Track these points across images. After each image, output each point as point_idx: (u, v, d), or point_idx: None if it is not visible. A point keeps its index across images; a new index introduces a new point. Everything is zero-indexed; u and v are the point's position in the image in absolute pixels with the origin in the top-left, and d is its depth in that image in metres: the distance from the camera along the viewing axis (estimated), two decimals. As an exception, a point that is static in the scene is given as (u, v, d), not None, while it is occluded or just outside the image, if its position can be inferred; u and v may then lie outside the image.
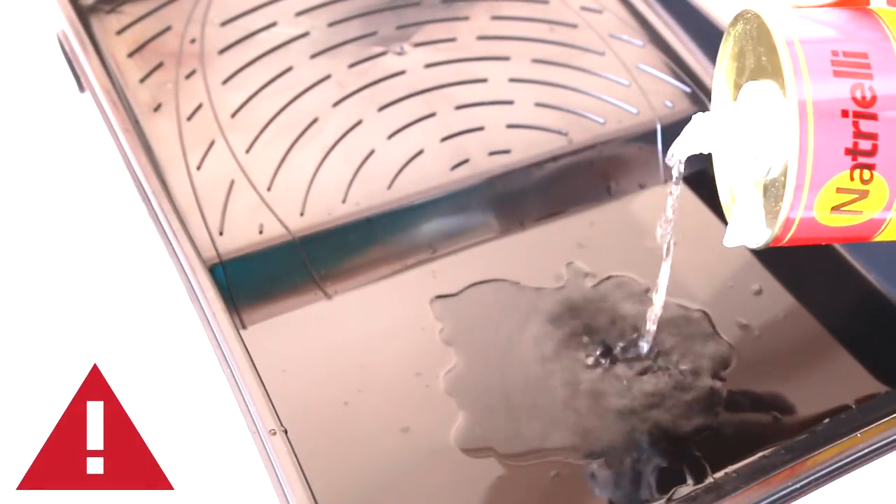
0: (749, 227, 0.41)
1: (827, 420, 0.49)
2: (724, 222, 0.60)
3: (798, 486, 0.44)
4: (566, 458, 0.50)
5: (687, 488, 0.48)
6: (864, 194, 0.37)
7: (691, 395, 0.52)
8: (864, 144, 0.36)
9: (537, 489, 0.49)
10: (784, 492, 0.44)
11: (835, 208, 0.37)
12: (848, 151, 0.36)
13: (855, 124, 0.36)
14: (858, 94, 0.36)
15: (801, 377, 0.54)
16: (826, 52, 0.37)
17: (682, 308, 0.56)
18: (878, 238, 0.39)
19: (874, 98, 0.36)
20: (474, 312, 0.56)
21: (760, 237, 0.40)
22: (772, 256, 0.59)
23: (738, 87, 0.42)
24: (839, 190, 0.37)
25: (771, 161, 0.39)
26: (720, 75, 0.43)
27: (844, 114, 0.36)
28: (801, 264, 0.59)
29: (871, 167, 0.36)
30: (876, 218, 0.38)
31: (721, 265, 0.59)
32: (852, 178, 0.36)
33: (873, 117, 0.36)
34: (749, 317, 0.56)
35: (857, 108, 0.36)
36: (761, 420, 0.52)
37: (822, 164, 0.36)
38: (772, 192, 0.39)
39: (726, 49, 0.42)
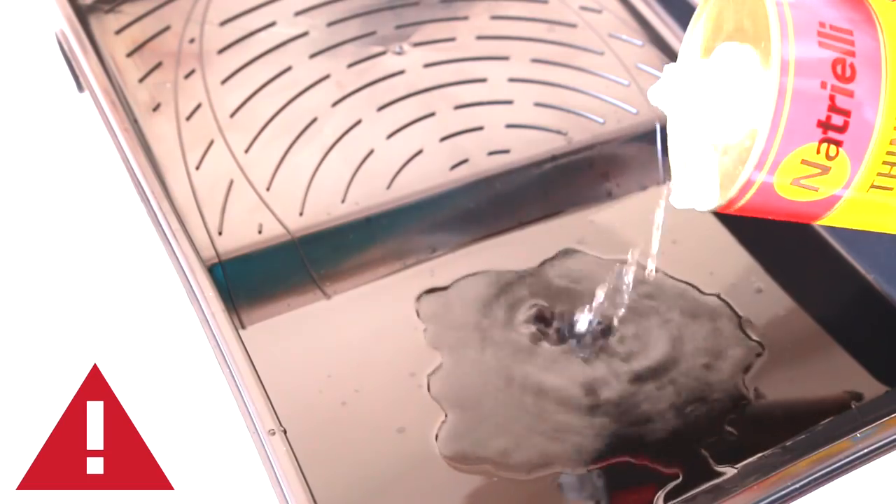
0: (701, 189, 0.41)
1: (827, 420, 0.49)
2: (724, 223, 0.61)
3: (798, 486, 0.44)
4: (565, 458, 0.50)
5: (686, 488, 0.48)
6: (825, 170, 0.37)
7: (690, 396, 0.52)
8: (837, 119, 0.36)
9: (535, 489, 0.49)
10: (784, 492, 0.44)
11: (795, 180, 0.37)
12: (820, 124, 0.36)
13: (831, 98, 0.36)
14: (839, 69, 0.36)
15: (801, 377, 0.54)
16: (814, 20, 0.37)
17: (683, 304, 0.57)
18: (823, 221, 0.39)
19: (854, 75, 0.36)
20: (469, 310, 0.56)
21: (711, 200, 0.40)
22: (772, 256, 0.59)
23: (709, 49, 0.41)
24: (804, 161, 0.37)
25: (737, 124, 0.38)
26: (694, 34, 0.43)
27: (823, 85, 0.36)
28: (801, 264, 0.59)
29: (838, 143, 0.36)
30: (830, 197, 0.38)
31: (721, 265, 0.59)
32: (818, 152, 0.36)
33: (850, 94, 0.36)
34: (750, 316, 0.56)
35: (836, 83, 0.36)
36: (761, 420, 0.52)
37: (793, 132, 0.36)
38: (732, 155, 0.38)
39: (705, 9, 0.42)
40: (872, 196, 0.38)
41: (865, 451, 0.45)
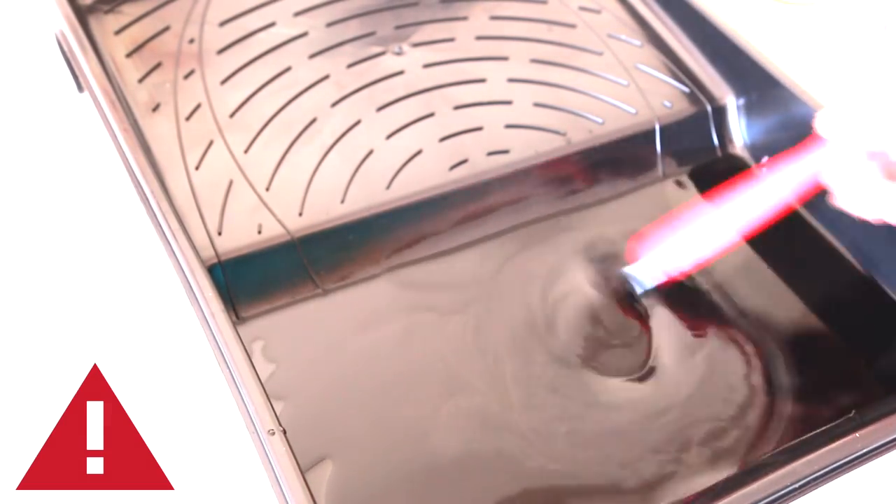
0: None
1: (827, 421, 0.49)
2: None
3: (798, 486, 0.44)
4: (571, 454, 0.50)
5: (686, 489, 0.48)
6: None
7: (690, 396, 0.52)
8: None
9: (536, 489, 0.49)
10: (784, 492, 0.44)
11: None
12: None
13: None
14: None
15: (802, 378, 0.54)
16: None
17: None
18: None
19: None
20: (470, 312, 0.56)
21: None
22: (772, 256, 0.59)
23: None
24: None
25: None
26: None
27: None
28: (802, 265, 0.59)
29: None
30: None
31: (720, 263, 0.59)
32: None
33: None
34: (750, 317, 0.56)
35: None
36: (761, 420, 0.52)
37: None
38: None
39: None
40: None
41: (865, 451, 0.45)
